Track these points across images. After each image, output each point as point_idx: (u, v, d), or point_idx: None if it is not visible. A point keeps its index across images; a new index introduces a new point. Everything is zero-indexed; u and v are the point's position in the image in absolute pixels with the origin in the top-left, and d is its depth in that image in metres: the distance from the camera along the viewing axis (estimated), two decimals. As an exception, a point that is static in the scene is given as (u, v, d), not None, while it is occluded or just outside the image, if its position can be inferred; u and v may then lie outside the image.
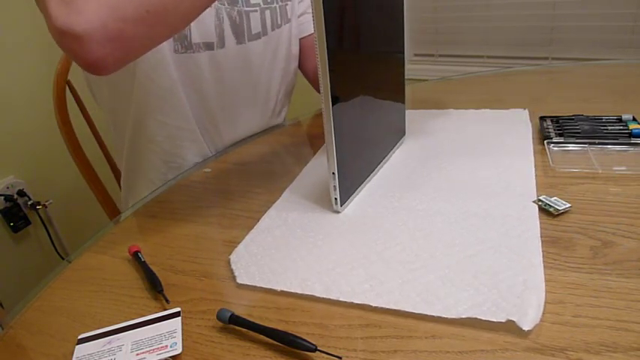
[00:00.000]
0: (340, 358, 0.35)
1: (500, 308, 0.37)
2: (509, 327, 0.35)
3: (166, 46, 0.69)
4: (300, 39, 0.89)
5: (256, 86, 0.82)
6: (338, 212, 0.53)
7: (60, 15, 0.43)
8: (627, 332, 0.34)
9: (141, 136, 0.76)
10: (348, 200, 0.54)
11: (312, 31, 0.85)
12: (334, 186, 0.51)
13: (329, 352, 0.35)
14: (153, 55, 0.68)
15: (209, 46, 0.72)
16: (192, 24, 0.68)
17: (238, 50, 0.76)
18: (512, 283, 0.39)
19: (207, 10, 0.66)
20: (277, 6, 0.81)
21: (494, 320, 0.36)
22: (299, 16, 0.87)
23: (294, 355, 0.36)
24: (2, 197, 1.39)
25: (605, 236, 0.44)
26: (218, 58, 0.74)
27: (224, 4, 0.72)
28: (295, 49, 0.88)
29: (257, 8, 0.77)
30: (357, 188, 0.56)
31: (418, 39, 1.81)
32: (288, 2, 0.84)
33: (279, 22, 0.82)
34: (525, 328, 0.35)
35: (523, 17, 1.60)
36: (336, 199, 0.52)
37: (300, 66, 0.92)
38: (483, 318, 0.36)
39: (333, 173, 0.50)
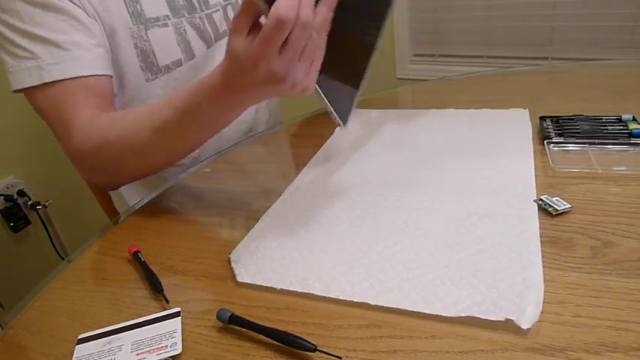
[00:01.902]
0: (340, 358, 0.35)
1: (499, 307, 0.37)
2: (508, 326, 0.35)
3: (138, 79, 0.69)
4: None
5: None
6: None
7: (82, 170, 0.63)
8: (627, 332, 0.34)
9: None
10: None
11: None
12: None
13: (329, 352, 0.35)
14: (129, 88, 0.69)
15: (177, 64, 0.72)
16: (154, 49, 0.68)
17: (208, 54, 0.75)
18: (512, 282, 0.39)
19: (166, 30, 0.69)
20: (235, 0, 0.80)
21: (493, 319, 0.36)
22: None
23: (294, 355, 0.36)
24: (2, 197, 1.39)
25: (605, 236, 0.44)
26: (190, 71, 0.74)
27: (184, 16, 0.72)
28: None
29: (218, 7, 0.77)
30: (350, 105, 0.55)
31: (418, 39, 1.81)
32: None
33: None
34: (524, 326, 0.35)
35: (523, 17, 1.60)
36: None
37: None
38: (482, 317, 0.36)
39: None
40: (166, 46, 0.70)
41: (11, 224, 1.43)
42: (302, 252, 0.47)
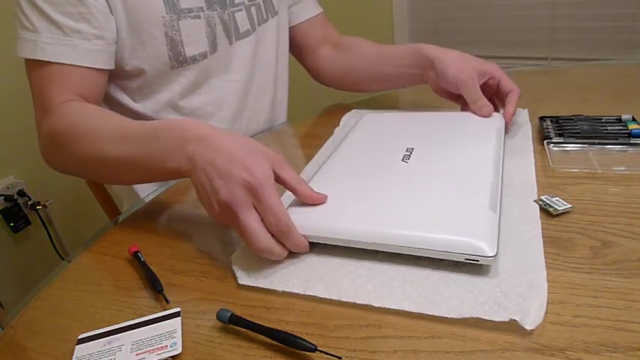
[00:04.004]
0: (340, 358, 0.35)
1: (503, 307, 0.37)
2: (512, 326, 0.35)
3: (164, 66, 0.70)
4: (293, 27, 0.88)
5: (249, 83, 0.82)
6: None
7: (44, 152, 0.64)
8: (627, 332, 0.34)
9: None
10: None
11: (309, 16, 0.88)
12: None
13: (329, 352, 0.35)
14: (152, 75, 0.71)
15: (203, 55, 0.73)
16: (183, 39, 0.69)
17: (228, 51, 0.76)
18: (515, 282, 0.39)
19: (197, 22, 0.70)
20: (260, 0, 0.80)
21: (497, 320, 0.36)
22: (290, 7, 0.87)
23: (294, 355, 0.36)
24: (2, 197, 1.39)
25: (605, 236, 0.44)
26: (212, 63, 0.75)
27: (216, 10, 0.73)
28: (284, 42, 0.87)
29: (242, 7, 0.77)
30: None
31: (418, 39, 1.81)
32: None
33: (264, 17, 0.81)
34: (528, 327, 0.35)
35: (523, 17, 1.60)
36: None
37: (300, 56, 0.92)
38: (486, 317, 0.36)
39: None
40: (196, 37, 0.71)
41: (11, 224, 1.43)
42: (303, 254, 0.47)
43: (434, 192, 0.48)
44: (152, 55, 0.69)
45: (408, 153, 0.56)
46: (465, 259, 0.40)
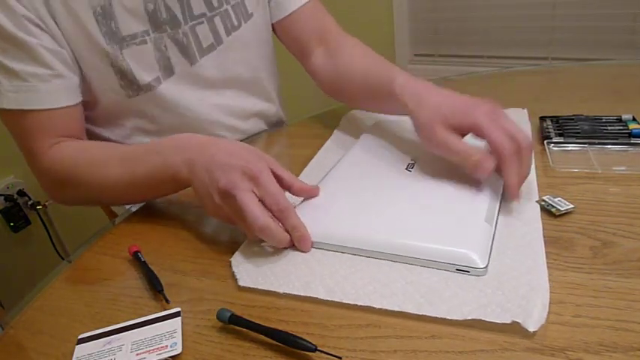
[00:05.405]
0: (340, 358, 0.35)
1: (505, 309, 0.37)
2: (512, 327, 0.35)
3: (119, 96, 0.67)
4: (277, 23, 0.78)
5: (222, 97, 0.76)
6: None
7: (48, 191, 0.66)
8: (627, 332, 0.34)
9: None
10: None
11: (293, 8, 0.75)
12: None
13: (329, 352, 0.35)
14: (110, 104, 0.68)
15: (157, 81, 0.68)
16: (132, 68, 0.65)
17: (190, 71, 0.71)
18: (517, 284, 0.39)
19: (144, 47, 0.66)
20: (229, 7, 0.72)
21: (500, 322, 0.36)
22: (270, 1, 0.77)
23: (294, 355, 0.36)
24: (2, 197, 1.39)
25: (605, 236, 0.44)
26: (173, 87, 0.70)
27: (166, 31, 0.67)
28: (266, 44, 0.80)
29: (202, 19, 0.70)
30: None
31: (418, 39, 1.81)
32: None
33: (235, 24, 0.73)
34: (531, 329, 0.35)
35: (523, 17, 1.60)
36: None
37: (297, 57, 0.81)
38: (488, 319, 0.36)
39: None
40: (145, 63, 0.66)
41: (11, 224, 1.43)
42: (303, 254, 0.47)
43: (433, 203, 0.49)
44: (103, 86, 0.65)
45: (412, 162, 0.57)
46: (456, 270, 0.41)
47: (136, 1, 0.64)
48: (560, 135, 0.62)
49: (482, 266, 0.41)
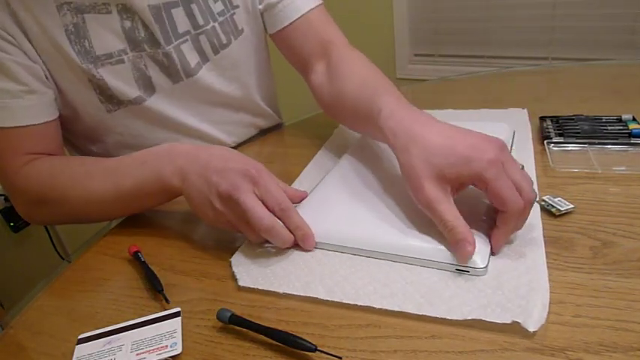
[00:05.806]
0: (340, 358, 0.35)
1: (505, 309, 0.37)
2: (512, 327, 0.35)
3: (99, 111, 0.65)
4: (274, 35, 0.73)
5: (212, 114, 0.74)
6: None
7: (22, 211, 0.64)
8: (627, 332, 0.34)
9: None
10: None
11: (289, 21, 0.69)
12: None
13: (329, 352, 0.35)
14: (90, 119, 0.66)
15: (138, 100, 0.66)
16: (110, 85, 0.63)
17: (176, 89, 0.68)
18: (517, 284, 0.39)
19: (120, 67, 0.63)
20: (216, 24, 0.69)
21: (500, 322, 0.36)
22: (262, 12, 0.72)
23: (294, 355, 0.36)
24: (2, 197, 1.39)
25: (605, 236, 0.44)
26: (157, 104, 0.68)
27: (144, 50, 0.64)
28: (259, 57, 0.78)
29: (187, 37, 0.67)
30: None
31: (418, 39, 1.81)
32: (236, 10, 0.71)
33: (223, 42, 0.71)
34: (531, 329, 0.35)
35: (523, 17, 1.60)
36: None
37: (299, 71, 0.76)
38: (488, 320, 0.36)
39: None
40: (123, 82, 0.64)
41: (11, 224, 1.43)
42: (303, 255, 0.47)
43: None
44: (82, 101, 0.63)
45: None
46: (456, 269, 0.41)
47: (111, 18, 0.61)
48: (560, 135, 0.62)
49: (482, 266, 0.41)
